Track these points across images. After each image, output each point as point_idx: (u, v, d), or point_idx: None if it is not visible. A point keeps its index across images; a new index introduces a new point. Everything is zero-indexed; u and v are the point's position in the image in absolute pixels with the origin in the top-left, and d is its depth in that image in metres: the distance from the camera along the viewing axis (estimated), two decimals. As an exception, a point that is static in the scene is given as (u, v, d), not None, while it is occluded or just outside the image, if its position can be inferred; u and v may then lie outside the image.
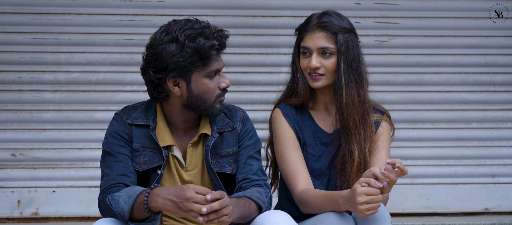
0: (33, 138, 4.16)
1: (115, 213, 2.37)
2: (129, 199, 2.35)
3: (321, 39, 2.71)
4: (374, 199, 2.39)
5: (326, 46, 2.71)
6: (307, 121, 2.81)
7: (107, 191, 2.46)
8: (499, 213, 4.36)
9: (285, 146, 2.76)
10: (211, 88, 2.50)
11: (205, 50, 2.44)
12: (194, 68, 2.46)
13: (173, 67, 2.44)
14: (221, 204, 2.27)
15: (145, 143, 2.55)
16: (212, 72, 2.49)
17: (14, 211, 4.14)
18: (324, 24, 2.71)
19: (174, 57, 2.43)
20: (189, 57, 2.43)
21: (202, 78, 2.48)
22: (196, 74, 2.48)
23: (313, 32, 2.72)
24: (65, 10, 4.16)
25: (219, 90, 2.52)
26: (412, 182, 4.34)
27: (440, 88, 4.35)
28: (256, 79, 4.26)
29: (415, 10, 4.33)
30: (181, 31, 2.44)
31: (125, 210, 2.35)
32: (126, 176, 2.50)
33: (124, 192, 2.38)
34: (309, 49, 2.73)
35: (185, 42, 2.43)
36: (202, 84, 2.49)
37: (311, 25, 2.74)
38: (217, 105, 2.53)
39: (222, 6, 4.23)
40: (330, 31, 2.71)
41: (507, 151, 4.38)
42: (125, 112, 2.59)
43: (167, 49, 2.44)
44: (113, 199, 2.38)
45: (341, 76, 2.71)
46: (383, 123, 2.81)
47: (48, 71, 4.16)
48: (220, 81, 2.52)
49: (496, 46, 4.36)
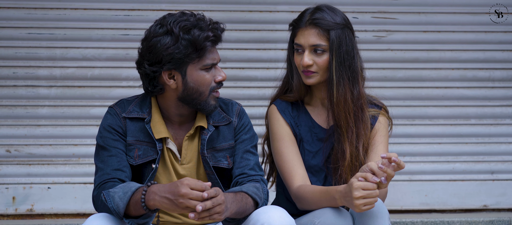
0: (28, 134, 4.14)
1: (110, 209, 2.35)
2: (125, 196, 2.33)
3: (313, 36, 2.69)
4: (371, 194, 2.38)
5: (318, 43, 2.68)
6: (304, 116, 2.79)
7: (102, 186, 2.44)
8: (497, 210, 4.35)
9: (282, 143, 2.74)
10: (207, 80, 2.49)
11: (200, 42, 2.43)
12: (189, 60, 2.45)
13: (168, 59, 2.44)
14: (214, 203, 2.25)
15: (140, 136, 2.53)
16: (207, 65, 2.48)
17: (9, 208, 4.12)
18: (316, 20, 2.68)
19: (169, 49, 2.42)
20: (184, 49, 2.43)
21: (198, 71, 2.48)
22: (191, 66, 2.47)
23: (305, 29, 2.70)
24: (60, 5, 4.14)
25: (214, 83, 2.50)
26: (410, 178, 4.32)
27: (439, 84, 4.34)
28: (253, 75, 4.25)
29: (414, 5, 4.31)
30: (175, 23, 2.43)
31: (121, 206, 2.33)
32: (120, 170, 2.48)
33: (120, 188, 2.36)
34: (301, 46, 2.71)
35: (179, 34, 2.42)
36: (197, 77, 2.48)
37: (303, 21, 2.71)
38: (212, 101, 2.51)
39: (219, 1, 4.21)
40: (322, 28, 2.68)
41: (506, 147, 4.37)
42: (120, 106, 2.57)
43: (161, 41, 2.43)
44: (108, 195, 2.35)
45: (333, 74, 2.69)
46: (381, 117, 2.79)
47: (43, 67, 4.14)
48: (216, 74, 2.51)
49: (495, 42, 4.35)
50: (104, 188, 2.43)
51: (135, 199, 2.32)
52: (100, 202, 2.40)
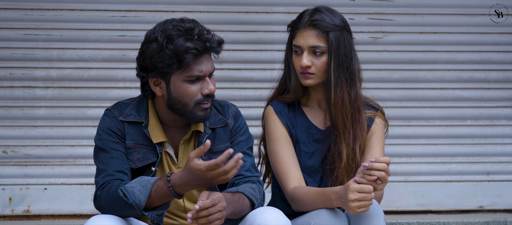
0: (24, 135, 4.13)
1: (129, 204, 2.31)
2: (144, 189, 2.30)
3: (312, 37, 2.68)
4: (366, 197, 2.38)
5: (317, 45, 2.68)
6: (300, 117, 2.79)
7: (107, 186, 2.40)
8: (493, 211, 4.35)
9: (277, 144, 2.74)
10: (190, 92, 2.42)
11: (180, 53, 2.36)
12: (171, 71, 2.40)
13: (152, 67, 2.40)
14: (214, 201, 2.25)
15: (139, 139, 2.52)
16: (192, 77, 2.41)
17: (5, 209, 4.11)
18: (316, 22, 2.68)
19: (153, 57, 2.38)
20: (168, 59, 2.37)
21: (181, 82, 2.42)
22: (174, 77, 2.41)
23: (304, 30, 2.69)
24: (57, 6, 4.13)
25: (200, 96, 2.44)
26: (406, 179, 4.33)
27: (435, 85, 4.34)
28: (249, 76, 4.25)
29: (410, 6, 4.32)
30: (162, 31, 2.38)
31: (142, 199, 2.29)
32: (123, 172, 2.46)
33: (135, 182, 2.33)
34: (300, 47, 2.70)
35: (163, 43, 2.37)
36: (179, 88, 2.42)
37: (302, 22, 2.70)
38: (199, 112, 2.45)
39: (215, 2, 4.21)
40: (321, 29, 2.68)
41: (502, 149, 4.37)
42: (117, 108, 2.55)
43: (149, 48, 2.40)
44: (126, 190, 2.31)
45: (331, 76, 2.69)
46: (377, 119, 2.79)
47: (39, 68, 4.13)
48: (203, 86, 2.44)
49: (491, 43, 4.36)
50: (111, 187, 2.38)
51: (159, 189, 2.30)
52: (109, 200, 2.35)
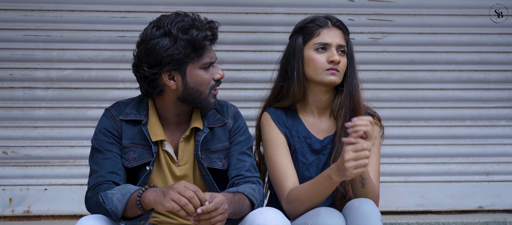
0: (24, 136, 4.14)
1: (107, 210, 2.35)
2: (123, 198, 2.34)
3: (338, 37, 2.74)
4: (360, 155, 2.39)
5: (343, 44, 2.74)
6: (298, 126, 2.78)
7: (97, 188, 2.44)
8: (493, 211, 4.36)
9: (276, 149, 2.73)
10: (206, 79, 2.51)
11: (198, 41, 2.45)
12: (189, 60, 2.47)
13: (167, 60, 2.45)
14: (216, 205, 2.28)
15: (135, 139, 2.54)
16: (206, 64, 2.50)
17: (6, 209, 4.12)
18: (339, 23, 2.76)
19: (168, 50, 2.44)
20: (183, 49, 2.44)
21: (197, 70, 2.49)
22: (191, 66, 2.49)
23: (332, 29, 2.74)
24: (57, 7, 4.14)
25: (213, 82, 2.52)
26: (406, 180, 4.33)
27: (434, 86, 4.35)
28: (249, 77, 4.25)
29: (409, 7, 4.32)
30: (173, 24, 2.45)
31: (119, 208, 2.34)
32: (115, 173, 2.49)
33: (118, 190, 2.37)
34: (328, 44, 2.72)
35: (178, 34, 2.43)
36: (197, 76, 2.50)
37: (328, 22, 2.75)
38: (211, 99, 2.54)
39: (215, 3, 4.22)
40: (344, 31, 2.77)
41: (501, 149, 4.38)
42: (116, 108, 2.58)
43: (160, 43, 2.44)
44: (106, 197, 2.36)
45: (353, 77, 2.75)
46: (374, 126, 2.79)
47: (40, 69, 4.14)
48: (214, 72, 2.53)
49: (490, 44, 4.36)
50: (99, 190, 2.43)
51: (133, 200, 2.33)
52: (95, 203, 2.40)
